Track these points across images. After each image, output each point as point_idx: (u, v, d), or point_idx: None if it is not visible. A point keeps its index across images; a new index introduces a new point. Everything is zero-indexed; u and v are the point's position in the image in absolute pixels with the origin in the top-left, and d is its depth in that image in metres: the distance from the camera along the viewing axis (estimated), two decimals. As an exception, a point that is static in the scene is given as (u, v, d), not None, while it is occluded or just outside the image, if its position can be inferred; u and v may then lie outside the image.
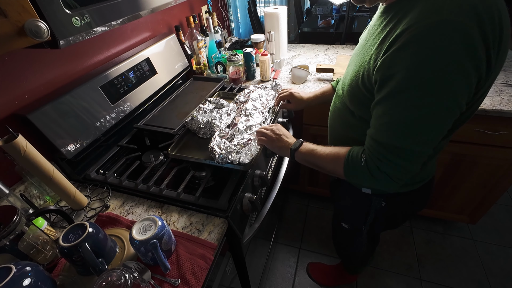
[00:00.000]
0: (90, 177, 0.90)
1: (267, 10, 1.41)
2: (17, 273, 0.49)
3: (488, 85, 0.54)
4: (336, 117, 0.79)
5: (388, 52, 0.51)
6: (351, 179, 0.65)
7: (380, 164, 0.57)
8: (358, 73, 0.62)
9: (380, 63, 0.52)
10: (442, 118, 0.51)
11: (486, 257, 1.50)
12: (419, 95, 0.49)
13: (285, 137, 0.81)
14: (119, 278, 0.50)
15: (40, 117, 0.79)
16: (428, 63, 0.46)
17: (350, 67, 0.69)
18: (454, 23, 0.44)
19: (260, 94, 1.11)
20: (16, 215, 0.58)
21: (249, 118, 0.97)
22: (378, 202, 0.81)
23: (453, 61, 0.45)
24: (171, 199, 0.81)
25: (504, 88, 1.16)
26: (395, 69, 0.50)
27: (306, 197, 1.91)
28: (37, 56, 0.84)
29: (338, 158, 0.65)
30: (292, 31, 2.88)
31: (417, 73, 0.47)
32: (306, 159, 0.74)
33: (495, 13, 0.46)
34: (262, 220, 0.91)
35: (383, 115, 0.55)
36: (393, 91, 0.51)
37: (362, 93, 0.61)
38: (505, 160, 1.19)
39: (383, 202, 0.80)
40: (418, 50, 0.47)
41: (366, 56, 0.59)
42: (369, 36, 0.62)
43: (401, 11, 0.52)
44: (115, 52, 1.12)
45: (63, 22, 0.54)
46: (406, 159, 0.55)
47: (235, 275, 1.01)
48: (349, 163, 0.63)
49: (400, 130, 0.53)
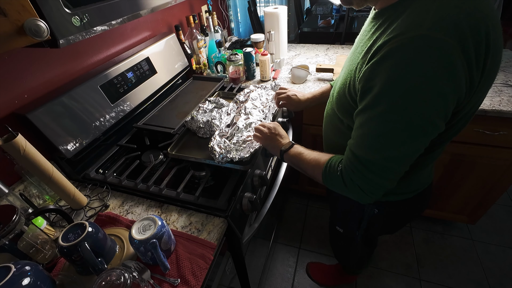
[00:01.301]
0: (90, 177, 0.90)
1: (267, 9, 1.41)
2: (16, 272, 0.49)
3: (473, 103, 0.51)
4: (327, 122, 0.79)
5: (369, 63, 0.50)
6: (329, 186, 0.65)
7: (353, 176, 0.56)
8: (345, 82, 0.62)
9: (362, 74, 0.52)
10: (414, 136, 0.49)
11: (485, 257, 1.50)
12: (392, 110, 0.48)
13: (280, 138, 0.81)
14: (118, 277, 0.50)
15: (39, 116, 0.79)
16: (403, 79, 0.45)
17: (342, 72, 0.69)
18: (433, 39, 0.42)
19: (260, 93, 1.11)
20: (16, 215, 0.58)
21: (248, 116, 0.97)
22: (371, 209, 0.80)
23: (428, 80, 0.43)
24: (171, 198, 0.81)
25: (504, 88, 1.16)
26: (373, 82, 0.49)
27: (305, 197, 1.91)
28: (36, 55, 0.84)
29: (318, 165, 0.66)
30: (292, 31, 2.88)
31: (392, 88, 0.47)
32: (292, 161, 0.75)
33: (481, 29, 0.43)
34: (261, 220, 0.91)
35: (360, 127, 0.55)
36: (370, 104, 0.51)
37: (348, 102, 0.61)
38: (505, 161, 1.19)
39: (376, 210, 0.79)
40: (394, 64, 0.45)
41: (353, 64, 0.58)
42: (359, 42, 0.61)
43: (389, 19, 0.50)
44: (115, 51, 1.12)
45: (63, 21, 0.54)
46: (377, 174, 0.54)
47: (234, 275, 1.01)
48: (326, 171, 0.63)
49: (371, 144, 0.53)
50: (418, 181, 0.74)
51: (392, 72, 0.46)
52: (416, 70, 0.44)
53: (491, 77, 0.50)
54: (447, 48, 0.42)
